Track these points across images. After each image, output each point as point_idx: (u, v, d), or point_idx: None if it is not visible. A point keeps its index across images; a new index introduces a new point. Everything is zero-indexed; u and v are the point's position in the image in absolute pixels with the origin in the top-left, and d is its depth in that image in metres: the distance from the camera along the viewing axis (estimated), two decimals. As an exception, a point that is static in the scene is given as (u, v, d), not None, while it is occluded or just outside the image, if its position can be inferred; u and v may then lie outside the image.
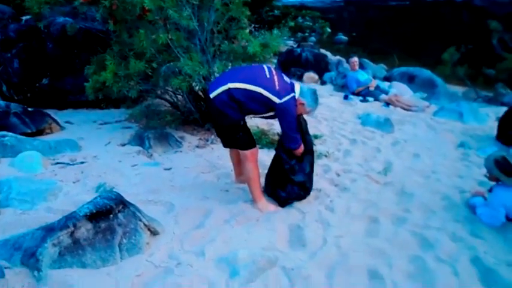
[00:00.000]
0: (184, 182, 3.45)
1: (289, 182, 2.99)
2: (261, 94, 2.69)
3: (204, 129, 4.71)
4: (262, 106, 2.76)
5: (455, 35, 16.55)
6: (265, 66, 2.86)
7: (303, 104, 2.87)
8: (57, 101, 5.91)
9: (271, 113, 2.85)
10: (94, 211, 2.37)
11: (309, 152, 3.04)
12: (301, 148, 2.94)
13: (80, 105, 5.89)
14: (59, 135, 4.70)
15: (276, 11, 10.55)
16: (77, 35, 5.40)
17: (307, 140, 3.02)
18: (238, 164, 3.25)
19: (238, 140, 2.89)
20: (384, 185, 3.50)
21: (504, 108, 5.91)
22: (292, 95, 2.78)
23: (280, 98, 2.70)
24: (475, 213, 2.98)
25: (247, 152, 2.89)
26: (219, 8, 4.17)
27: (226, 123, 2.81)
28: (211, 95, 2.75)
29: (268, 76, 2.75)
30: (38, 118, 4.78)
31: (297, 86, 2.90)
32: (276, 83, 2.73)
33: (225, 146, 3.17)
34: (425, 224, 2.85)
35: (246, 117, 2.93)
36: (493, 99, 8.82)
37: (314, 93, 2.97)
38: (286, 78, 2.88)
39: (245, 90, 2.69)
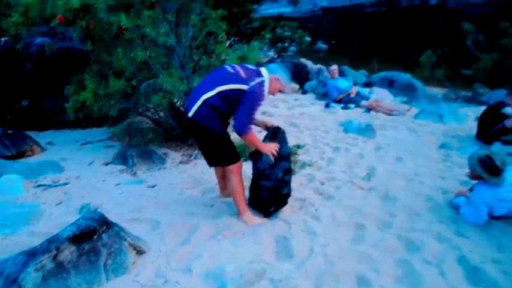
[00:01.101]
0: (169, 199, 3.42)
1: (259, 187, 2.98)
2: (231, 89, 2.70)
3: (187, 144, 4.70)
4: (236, 101, 2.73)
5: (432, 38, 17.00)
6: (227, 65, 2.89)
7: (278, 79, 2.89)
8: (37, 122, 5.83)
9: None
10: (77, 233, 2.33)
11: (284, 158, 2.98)
12: (270, 147, 2.86)
13: (61, 126, 5.82)
14: (40, 157, 4.62)
15: (254, 23, 10.64)
16: (55, 55, 5.36)
17: (283, 148, 2.97)
18: (223, 178, 3.25)
19: (223, 155, 2.87)
20: (368, 191, 3.53)
21: (483, 108, 6.06)
22: (259, 79, 2.75)
23: (247, 84, 2.69)
24: (458, 213, 3.04)
25: (232, 166, 2.89)
26: (197, 23, 4.21)
27: (210, 137, 2.80)
28: (190, 114, 2.77)
29: (232, 71, 2.79)
30: (18, 140, 4.70)
31: (263, 69, 2.88)
32: (242, 73, 2.75)
33: (210, 165, 3.11)
34: (411, 227, 2.89)
35: (228, 130, 2.93)
36: (472, 98, 9.05)
37: (283, 65, 3.02)
38: (252, 67, 2.88)
39: (218, 93, 2.70)
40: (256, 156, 2.98)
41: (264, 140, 3.04)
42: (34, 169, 4.06)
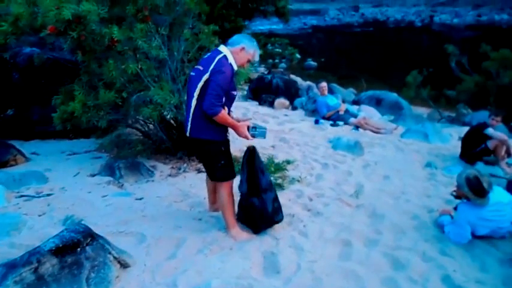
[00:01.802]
0: (156, 212, 3.38)
1: (251, 207, 2.96)
2: (202, 87, 2.65)
3: (176, 157, 4.68)
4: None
5: (417, 59, 17.44)
6: (192, 72, 2.83)
7: (243, 49, 2.76)
8: (23, 131, 5.72)
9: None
10: (60, 245, 2.28)
11: (267, 190, 2.92)
12: (241, 129, 2.74)
13: (47, 136, 5.73)
14: (24, 167, 4.53)
15: (246, 39, 10.79)
16: (44, 65, 5.32)
17: (262, 180, 2.89)
18: (214, 192, 3.22)
19: (219, 170, 2.83)
20: (356, 208, 3.55)
21: (466, 128, 6.21)
22: (217, 58, 2.67)
23: (207, 70, 2.63)
24: (443, 232, 3.07)
25: (224, 182, 2.87)
26: (189, 37, 4.24)
27: (209, 149, 2.79)
28: (188, 134, 2.80)
29: (194, 73, 2.75)
30: (1, 150, 4.61)
31: (221, 46, 2.80)
32: (200, 68, 2.71)
33: (212, 179, 3.02)
34: (397, 245, 2.91)
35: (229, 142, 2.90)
36: (456, 119, 9.26)
37: (247, 35, 2.91)
38: (210, 53, 2.82)
39: (196, 100, 2.69)
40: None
41: (242, 165, 2.97)
42: (17, 179, 3.97)
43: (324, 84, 7.70)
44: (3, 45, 4.54)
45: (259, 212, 2.91)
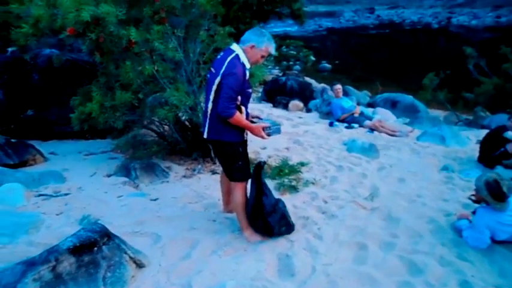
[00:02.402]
0: (171, 213, 3.41)
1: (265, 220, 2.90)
2: (215, 91, 2.66)
3: (191, 158, 4.71)
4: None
5: (434, 61, 17.17)
6: (210, 71, 2.82)
7: (253, 46, 2.69)
8: (41, 132, 5.85)
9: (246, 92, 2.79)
10: (77, 244, 2.32)
11: (272, 212, 2.87)
12: (256, 130, 2.72)
13: (65, 136, 5.84)
14: (42, 167, 4.63)
15: (260, 41, 10.82)
16: (63, 66, 5.42)
17: (266, 202, 2.83)
18: (228, 193, 3.22)
19: (236, 170, 2.83)
20: (371, 211, 3.51)
21: (484, 131, 6.08)
22: (228, 58, 2.65)
23: (219, 74, 2.63)
24: (461, 236, 3.01)
25: (239, 182, 2.86)
26: (205, 39, 4.27)
27: (226, 150, 2.80)
28: (206, 136, 2.81)
29: (209, 75, 2.76)
30: (21, 149, 4.72)
31: (233, 44, 2.77)
32: (212, 70, 2.71)
33: (230, 179, 2.99)
34: (413, 249, 2.86)
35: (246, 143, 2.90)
36: (473, 122, 9.07)
37: (257, 30, 2.79)
38: (223, 52, 2.79)
39: (213, 101, 2.69)
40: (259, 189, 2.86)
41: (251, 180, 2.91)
42: (36, 179, 4.06)
43: (338, 86, 7.64)
44: (23, 47, 4.66)
45: (264, 231, 2.90)
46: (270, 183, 3.94)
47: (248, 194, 2.93)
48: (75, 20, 3.64)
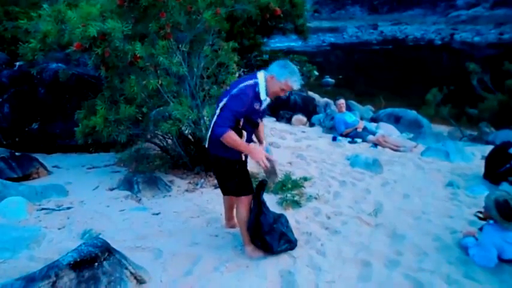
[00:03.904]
0: (173, 227, 3.38)
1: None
2: (221, 107, 2.61)
3: (193, 173, 4.70)
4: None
5: (437, 77, 17.22)
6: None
7: (273, 78, 2.61)
8: (45, 145, 5.88)
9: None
10: (78, 259, 2.29)
11: (271, 231, 2.82)
12: (260, 154, 2.60)
13: (68, 150, 5.86)
14: (46, 180, 4.63)
15: (264, 56, 10.90)
16: (69, 80, 5.48)
17: (263, 221, 2.79)
18: (231, 209, 3.20)
19: (234, 185, 2.80)
20: (375, 227, 3.47)
21: (489, 147, 6.03)
22: (246, 83, 2.60)
23: (229, 94, 2.60)
24: (467, 254, 2.96)
25: (243, 197, 2.81)
26: (209, 54, 4.31)
27: (223, 167, 2.78)
28: (206, 144, 2.80)
29: (228, 88, 2.72)
30: (25, 163, 4.73)
31: (260, 72, 2.69)
32: (229, 88, 2.69)
33: (224, 193, 3.04)
34: (419, 267, 2.81)
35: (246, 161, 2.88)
36: (478, 138, 9.03)
37: (280, 60, 2.70)
38: (247, 76, 2.72)
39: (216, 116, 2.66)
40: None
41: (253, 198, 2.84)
42: (38, 192, 4.05)
43: (342, 101, 7.66)
44: (30, 61, 4.71)
45: (264, 249, 2.86)
46: (273, 198, 3.92)
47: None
48: (82, 35, 3.69)
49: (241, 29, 9.04)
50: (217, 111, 2.67)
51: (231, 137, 2.53)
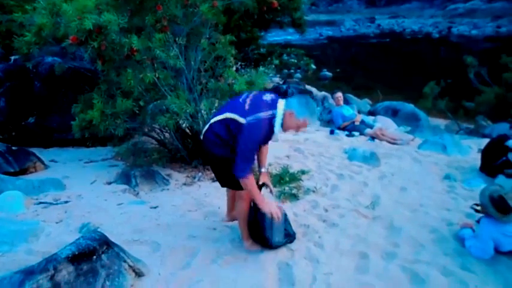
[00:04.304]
0: (171, 221, 3.38)
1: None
2: (230, 119, 2.53)
3: (191, 166, 4.70)
4: (235, 133, 2.53)
5: (435, 70, 17.23)
6: (245, 93, 2.70)
7: (292, 114, 2.53)
8: (42, 139, 5.86)
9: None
10: (76, 253, 2.29)
11: (268, 227, 2.81)
12: (270, 206, 2.61)
13: (65, 144, 5.84)
14: (43, 174, 4.61)
15: (261, 49, 10.87)
16: (65, 74, 5.45)
17: (270, 240, 2.77)
18: (234, 199, 3.17)
19: (231, 179, 2.73)
20: (372, 220, 3.49)
21: (486, 140, 6.06)
22: (263, 113, 2.48)
23: (245, 118, 2.46)
24: (464, 246, 2.98)
25: (244, 192, 2.75)
26: (206, 47, 4.29)
27: (217, 162, 2.76)
28: (201, 136, 2.77)
29: (241, 101, 2.59)
30: (22, 157, 4.71)
31: (281, 101, 2.56)
32: (247, 105, 2.52)
33: (221, 185, 3.01)
34: (415, 259, 2.83)
35: None
36: (475, 131, 9.07)
37: (303, 98, 2.60)
38: (267, 97, 2.59)
39: (220, 120, 2.59)
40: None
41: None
42: (36, 186, 4.04)
43: (339, 94, 7.66)
44: (26, 55, 4.68)
45: (262, 244, 2.87)
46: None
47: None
48: (78, 29, 3.66)
49: (239, 22, 8.98)
50: (225, 114, 2.56)
51: (250, 183, 2.52)
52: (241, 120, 2.47)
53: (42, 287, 2.12)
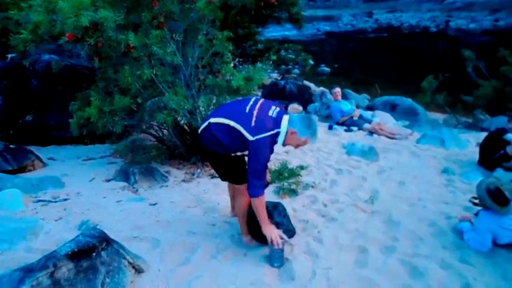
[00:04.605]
0: (170, 217, 3.39)
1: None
2: (234, 129, 2.53)
3: (189, 163, 4.70)
4: (239, 142, 2.56)
5: (433, 64, 17.22)
6: (252, 100, 2.68)
7: (294, 133, 2.59)
8: (40, 137, 5.85)
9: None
10: (76, 250, 2.29)
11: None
12: (273, 232, 2.62)
13: (64, 142, 5.84)
14: (41, 172, 4.61)
15: (259, 45, 10.84)
16: (62, 72, 5.43)
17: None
18: (235, 197, 3.19)
19: (231, 174, 2.79)
20: (371, 214, 3.50)
21: (484, 134, 6.07)
22: (270, 133, 2.51)
23: (253, 136, 2.47)
24: (462, 239, 2.99)
25: (242, 186, 2.76)
26: (203, 43, 4.28)
27: (215, 158, 2.75)
28: (199, 131, 2.76)
29: (247, 111, 2.57)
30: (20, 155, 4.71)
31: (285, 118, 2.62)
32: (253, 119, 2.52)
33: (221, 179, 3.01)
34: (414, 252, 2.84)
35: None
36: (473, 125, 9.07)
37: (306, 119, 2.67)
38: (272, 113, 2.61)
39: (221, 124, 2.57)
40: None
41: None
42: (34, 184, 4.04)
43: (337, 89, 7.65)
44: (22, 53, 4.67)
45: (261, 239, 2.82)
46: (269, 187, 3.93)
47: None
48: (74, 26, 3.64)
49: (236, 18, 8.96)
50: (228, 120, 2.57)
51: (261, 204, 2.59)
52: (249, 137, 2.49)
53: (42, 284, 2.12)
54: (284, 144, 2.67)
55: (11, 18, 4.38)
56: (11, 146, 4.77)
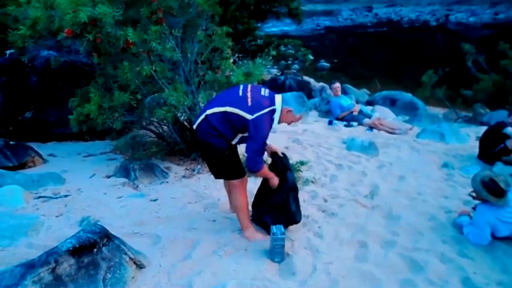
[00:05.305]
0: (171, 213, 3.39)
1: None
2: (232, 113, 2.60)
3: (190, 159, 4.70)
4: (239, 126, 2.64)
5: (432, 58, 17.19)
6: (241, 86, 2.78)
7: (290, 111, 2.74)
8: (40, 133, 5.84)
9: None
10: (77, 246, 2.30)
11: (292, 189, 2.92)
12: (275, 180, 2.88)
13: (64, 138, 5.83)
14: (42, 169, 4.61)
15: (258, 41, 10.81)
16: (61, 68, 5.41)
17: (289, 178, 2.90)
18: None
19: (225, 169, 2.83)
20: (371, 209, 3.51)
21: (484, 128, 6.07)
22: (267, 109, 2.63)
23: (252, 114, 2.57)
24: (462, 233, 3.01)
25: (235, 181, 2.84)
26: (202, 39, 4.26)
27: (212, 153, 2.77)
28: (194, 126, 2.77)
29: (241, 94, 2.67)
30: (20, 151, 4.70)
31: (278, 97, 2.74)
32: (249, 100, 2.62)
33: (215, 177, 3.06)
34: (414, 247, 2.86)
35: (236, 145, 2.89)
36: (473, 119, 9.08)
37: (299, 97, 2.83)
38: (264, 92, 2.74)
39: (219, 113, 2.63)
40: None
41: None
42: (35, 180, 4.04)
43: (337, 84, 7.63)
44: (21, 49, 4.64)
45: (281, 208, 2.88)
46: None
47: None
48: (73, 21, 3.62)
49: (235, 14, 8.92)
50: (224, 108, 2.63)
51: (265, 171, 2.83)
52: (248, 116, 2.58)
53: (43, 279, 2.13)
54: (279, 122, 2.79)
55: (10, 14, 4.35)
56: (11, 142, 4.77)
